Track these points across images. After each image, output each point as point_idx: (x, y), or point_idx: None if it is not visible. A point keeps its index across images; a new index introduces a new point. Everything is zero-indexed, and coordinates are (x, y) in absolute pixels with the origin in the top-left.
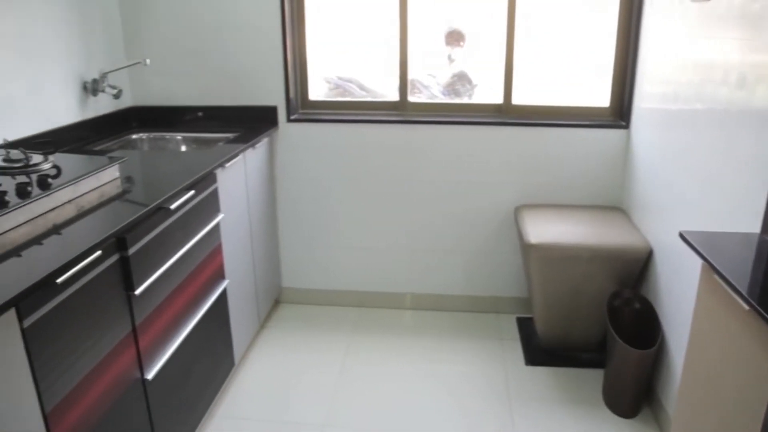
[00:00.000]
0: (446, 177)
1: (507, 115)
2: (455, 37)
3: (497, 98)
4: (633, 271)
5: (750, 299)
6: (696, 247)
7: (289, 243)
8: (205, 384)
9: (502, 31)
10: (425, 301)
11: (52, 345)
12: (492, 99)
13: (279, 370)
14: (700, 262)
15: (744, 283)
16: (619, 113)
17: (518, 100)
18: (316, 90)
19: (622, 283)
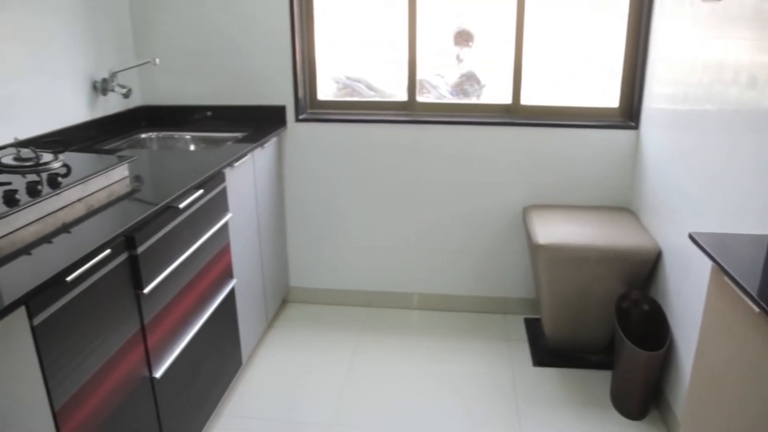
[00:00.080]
0: (454, 177)
1: (515, 115)
2: (464, 37)
3: (506, 98)
4: (642, 273)
5: (760, 301)
6: (706, 248)
7: (297, 242)
8: (212, 383)
9: (510, 31)
10: (433, 302)
11: (61, 343)
12: (500, 99)
13: (286, 369)
14: (709, 263)
15: (754, 284)
16: (629, 114)
17: (527, 100)
18: (325, 90)
19: (630, 284)
